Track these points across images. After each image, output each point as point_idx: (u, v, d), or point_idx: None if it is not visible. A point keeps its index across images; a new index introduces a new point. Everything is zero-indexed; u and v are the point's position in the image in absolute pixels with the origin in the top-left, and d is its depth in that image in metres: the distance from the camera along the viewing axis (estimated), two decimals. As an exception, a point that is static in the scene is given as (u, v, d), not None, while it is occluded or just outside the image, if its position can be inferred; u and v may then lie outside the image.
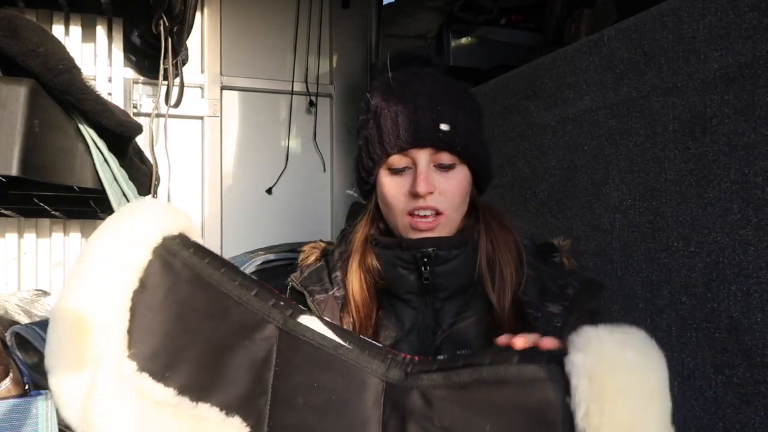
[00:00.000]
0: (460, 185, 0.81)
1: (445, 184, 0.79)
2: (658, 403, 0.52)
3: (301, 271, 0.89)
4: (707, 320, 0.98)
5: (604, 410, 0.49)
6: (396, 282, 0.81)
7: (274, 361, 0.57)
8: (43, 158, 1.10)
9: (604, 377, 0.50)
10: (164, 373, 0.56)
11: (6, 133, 0.99)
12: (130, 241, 0.57)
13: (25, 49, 1.02)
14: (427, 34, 2.30)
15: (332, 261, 0.88)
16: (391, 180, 0.82)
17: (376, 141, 0.81)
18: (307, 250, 0.94)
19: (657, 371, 0.53)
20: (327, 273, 0.87)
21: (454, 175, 0.80)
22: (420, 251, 0.79)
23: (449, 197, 0.80)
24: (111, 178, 1.39)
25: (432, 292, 0.81)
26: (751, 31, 0.92)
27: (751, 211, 0.92)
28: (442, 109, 0.79)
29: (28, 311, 1.63)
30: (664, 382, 0.53)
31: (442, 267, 0.79)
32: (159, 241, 0.58)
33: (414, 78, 0.84)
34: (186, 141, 2.14)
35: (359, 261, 0.84)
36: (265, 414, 0.57)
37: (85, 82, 1.17)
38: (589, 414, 0.49)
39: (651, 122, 1.10)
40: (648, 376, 0.52)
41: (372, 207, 0.87)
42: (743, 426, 0.92)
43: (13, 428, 1.23)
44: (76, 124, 1.25)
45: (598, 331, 0.54)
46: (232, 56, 2.22)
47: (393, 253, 0.81)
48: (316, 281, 0.86)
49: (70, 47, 1.84)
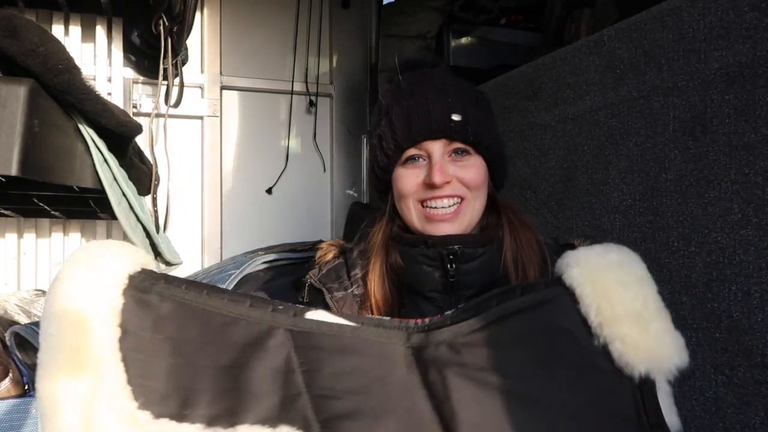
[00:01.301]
0: (477, 171, 0.82)
1: (462, 172, 0.81)
2: (649, 286, 0.63)
3: (320, 268, 0.89)
4: (707, 320, 0.97)
5: (613, 302, 0.59)
6: (420, 279, 0.82)
7: (296, 362, 0.57)
8: (43, 158, 1.10)
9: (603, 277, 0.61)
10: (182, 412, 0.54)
11: (6, 133, 0.99)
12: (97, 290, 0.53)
13: (25, 49, 1.02)
14: (427, 34, 2.30)
15: (351, 259, 0.88)
16: (406, 171, 0.83)
17: (389, 137, 0.82)
18: (325, 247, 0.94)
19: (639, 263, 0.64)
20: (346, 271, 0.87)
21: (469, 162, 0.82)
22: (446, 248, 0.79)
23: (468, 183, 0.81)
24: (111, 178, 1.39)
25: (457, 291, 0.81)
26: (752, 31, 0.92)
27: (751, 211, 0.92)
28: (452, 101, 0.81)
29: (27, 311, 1.63)
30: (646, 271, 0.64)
31: (468, 265, 0.80)
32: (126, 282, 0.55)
33: (423, 77, 0.86)
34: (186, 141, 2.14)
35: (383, 259, 0.85)
36: (309, 414, 0.56)
37: (85, 82, 1.17)
38: (601, 309, 0.59)
39: (651, 122, 1.10)
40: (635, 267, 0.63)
41: (389, 206, 0.88)
42: (743, 426, 0.91)
43: (13, 428, 1.23)
44: (76, 124, 1.25)
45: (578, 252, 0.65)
46: (232, 56, 2.22)
47: (418, 251, 0.81)
48: (334, 279, 0.86)
49: (70, 47, 1.84)
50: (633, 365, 0.59)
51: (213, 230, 2.15)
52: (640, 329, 0.59)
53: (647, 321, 0.60)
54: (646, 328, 0.59)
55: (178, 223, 2.07)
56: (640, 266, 0.64)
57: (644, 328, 0.59)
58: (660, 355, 0.59)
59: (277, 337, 0.57)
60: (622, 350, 0.59)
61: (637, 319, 0.59)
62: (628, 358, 0.58)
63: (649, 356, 0.59)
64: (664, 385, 0.62)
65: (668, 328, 0.62)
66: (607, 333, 0.59)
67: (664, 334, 0.60)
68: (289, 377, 0.56)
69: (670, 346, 0.60)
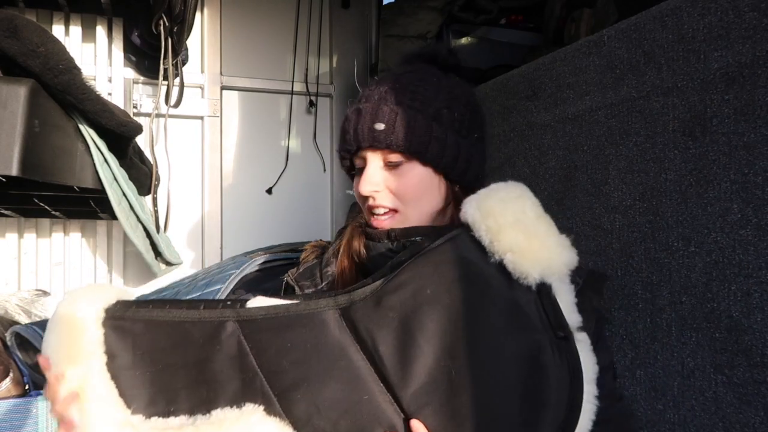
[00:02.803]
0: (409, 182, 0.82)
1: (394, 182, 0.82)
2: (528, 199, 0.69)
3: (298, 267, 0.92)
4: (707, 320, 0.98)
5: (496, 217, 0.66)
6: None
7: (247, 347, 0.64)
8: (43, 158, 1.10)
9: (487, 203, 0.68)
10: (169, 409, 0.62)
11: (6, 133, 1.00)
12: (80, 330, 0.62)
13: (25, 49, 1.02)
14: (427, 34, 2.30)
15: (326, 258, 0.90)
16: (356, 180, 0.86)
17: (339, 146, 0.87)
18: (309, 248, 0.96)
19: (520, 187, 0.71)
20: (319, 269, 0.89)
21: (402, 173, 0.82)
22: (409, 240, 0.80)
23: (399, 194, 0.82)
24: (111, 178, 1.39)
25: None
26: (752, 31, 0.92)
27: (751, 211, 0.92)
28: (382, 108, 0.80)
29: (28, 311, 1.63)
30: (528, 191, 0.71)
31: None
32: (102, 315, 0.63)
33: (382, 79, 0.86)
34: (186, 141, 2.14)
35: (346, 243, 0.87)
36: (266, 390, 0.63)
37: (85, 82, 1.17)
38: (489, 228, 0.66)
39: (651, 122, 1.10)
40: (515, 189, 0.70)
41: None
42: (743, 426, 0.92)
43: (13, 428, 1.23)
44: (76, 124, 1.25)
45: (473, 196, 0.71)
46: (232, 56, 2.22)
47: (383, 245, 0.82)
48: (308, 276, 0.88)
49: (70, 47, 1.84)
50: (527, 273, 0.65)
51: (213, 230, 2.16)
52: (525, 236, 0.65)
53: (529, 227, 0.66)
54: (530, 234, 0.65)
55: (178, 223, 2.07)
56: (520, 188, 0.70)
57: (528, 234, 0.65)
58: (548, 256, 0.65)
59: (228, 329, 0.64)
60: (514, 260, 0.65)
61: (519, 226, 0.65)
62: (521, 267, 0.65)
63: (538, 259, 0.65)
64: (563, 285, 0.68)
65: (551, 231, 0.67)
66: (497, 248, 0.66)
67: (546, 237, 0.66)
68: (243, 361, 0.63)
69: (556, 246, 0.66)
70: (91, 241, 1.96)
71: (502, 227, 0.65)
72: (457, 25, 2.32)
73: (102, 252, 1.96)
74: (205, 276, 1.65)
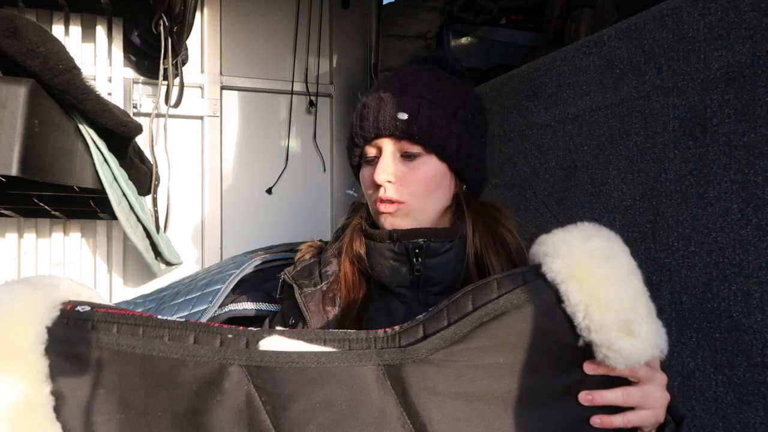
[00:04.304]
0: (423, 175, 0.81)
1: (408, 174, 0.80)
2: (637, 280, 0.58)
3: (295, 266, 0.91)
4: (707, 320, 0.97)
5: (601, 304, 0.54)
6: (388, 274, 0.82)
7: (259, 401, 0.51)
8: (43, 158, 1.10)
9: (590, 274, 0.55)
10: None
11: (6, 133, 0.99)
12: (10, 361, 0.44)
13: (25, 49, 1.02)
14: (427, 34, 2.30)
15: (325, 257, 0.89)
16: (365, 170, 0.85)
17: (352, 133, 0.84)
18: (304, 248, 0.95)
19: (623, 252, 0.59)
20: (318, 268, 0.88)
21: (417, 165, 0.81)
22: (411, 242, 0.79)
23: (411, 187, 0.80)
24: (111, 178, 1.39)
25: (424, 287, 0.81)
26: (752, 31, 0.92)
27: (751, 211, 0.92)
28: (405, 98, 0.80)
29: (28, 311, 1.63)
30: (631, 258, 0.59)
31: (434, 260, 0.79)
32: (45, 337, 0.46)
33: (401, 72, 0.86)
34: (186, 141, 2.14)
35: (348, 244, 0.86)
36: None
37: (85, 82, 1.17)
38: (589, 312, 0.54)
39: (651, 122, 1.10)
40: (621, 259, 0.58)
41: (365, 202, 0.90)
42: (743, 426, 0.91)
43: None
44: (76, 124, 1.25)
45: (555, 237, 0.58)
46: (232, 56, 2.22)
47: (384, 246, 0.81)
48: (307, 275, 0.87)
49: (70, 47, 1.84)
50: (615, 366, 0.56)
51: (213, 230, 2.15)
52: (631, 338, 0.55)
53: (637, 326, 0.56)
54: (636, 335, 0.56)
55: (178, 223, 2.07)
56: (625, 256, 0.59)
57: (634, 336, 0.55)
58: (644, 355, 0.57)
59: (232, 375, 0.50)
60: (608, 355, 0.55)
61: (627, 326, 0.55)
62: (612, 362, 0.56)
63: (635, 361, 0.56)
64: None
65: (656, 329, 0.58)
66: (594, 337, 0.55)
67: (651, 337, 0.57)
68: (254, 419, 0.51)
69: (655, 348, 0.57)
70: (90, 241, 1.96)
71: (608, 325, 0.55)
72: (457, 25, 2.33)
73: (102, 252, 1.96)
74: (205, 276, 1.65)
